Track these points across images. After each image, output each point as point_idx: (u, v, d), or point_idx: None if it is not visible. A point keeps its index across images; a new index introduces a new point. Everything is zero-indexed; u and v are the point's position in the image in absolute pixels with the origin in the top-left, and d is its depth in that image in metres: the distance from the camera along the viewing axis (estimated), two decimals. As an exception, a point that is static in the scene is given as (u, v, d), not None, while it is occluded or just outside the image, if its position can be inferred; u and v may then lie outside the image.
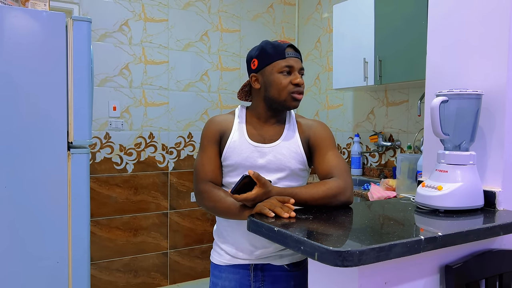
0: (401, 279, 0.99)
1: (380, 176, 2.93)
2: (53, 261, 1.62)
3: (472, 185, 1.18)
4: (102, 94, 2.98)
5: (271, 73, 1.35)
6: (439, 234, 0.93)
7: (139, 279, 3.16)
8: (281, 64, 1.34)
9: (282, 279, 1.40)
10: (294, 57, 1.35)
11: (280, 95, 1.35)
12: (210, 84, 3.41)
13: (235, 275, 1.40)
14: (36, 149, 1.58)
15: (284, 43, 1.36)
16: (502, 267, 1.15)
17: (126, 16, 3.06)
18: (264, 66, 1.36)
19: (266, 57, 1.36)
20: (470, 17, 1.28)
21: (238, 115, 1.44)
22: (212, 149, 1.39)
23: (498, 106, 1.21)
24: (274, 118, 1.42)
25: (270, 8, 3.68)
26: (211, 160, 1.38)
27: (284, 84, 1.34)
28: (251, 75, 1.40)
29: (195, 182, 1.39)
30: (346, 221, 1.12)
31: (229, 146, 1.38)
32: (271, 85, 1.35)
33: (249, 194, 1.16)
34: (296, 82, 1.34)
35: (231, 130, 1.40)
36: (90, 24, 1.67)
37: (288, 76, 1.34)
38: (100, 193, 3.01)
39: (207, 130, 1.41)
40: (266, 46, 1.37)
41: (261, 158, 1.36)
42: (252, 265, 1.39)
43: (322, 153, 1.36)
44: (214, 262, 1.46)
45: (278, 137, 1.39)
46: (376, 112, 3.04)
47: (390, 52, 2.51)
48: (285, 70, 1.34)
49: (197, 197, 1.38)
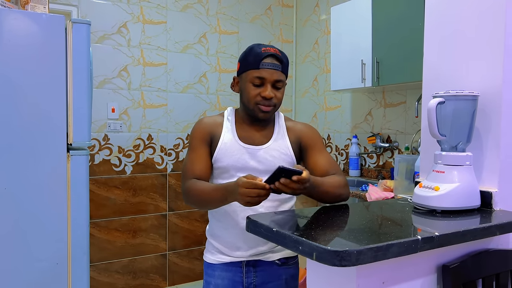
0: (399, 279, 1.00)
1: (378, 177, 2.94)
2: (52, 263, 1.62)
3: (468, 185, 1.19)
4: (100, 96, 2.98)
5: (245, 81, 1.36)
6: (436, 234, 0.94)
7: (138, 280, 3.16)
8: (253, 75, 1.33)
9: (273, 274, 1.43)
10: (271, 68, 1.32)
11: (249, 104, 1.36)
12: (209, 85, 3.42)
13: (227, 273, 1.43)
14: (36, 151, 1.58)
15: (266, 51, 1.33)
16: (499, 267, 1.16)
17: (124, 18, 3.07)
18: (241, 72, 1.38)
19: (244, 64, 1.36)
20: (466, 19, 1.30)
21: (228, 117, 1.44)
22: (202, 149, 1.38)
23: (494, 107, 1.22)
24: (255, 120, 1.42)
25: (268, 10, 3.69)
26: (201, 159, 1.37)
27: (252, 95, 1.34)
28: (233, 77, 1.43)
29: (182, 181, 1.37)
30: (344, 221, 1.13)
31: (220, 147, 1.38)
32: (243, 92, 1.38)
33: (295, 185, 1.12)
34: (263, 95, 1.32)
35: (221, 132, 1.40)
36: (89, 26, 1.68)
37: (257, 88, 1.33)
38: (99, 194, 3.01)
39: (196, 131, 1.41)
40: (249, 52, 1.36)
41: (252, 159, 1.37)
42: (244, 262, 1.41)
43: (316, 153, 1.40)
44: (207, 261, 1.48)
45: (268, 140, 1.41)
46: (374, 113, 3.05)
47: (387, 54, 2.52)
48: (255, 81, 1.33)
49: (184, 195, 1.36)
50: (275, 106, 1.37)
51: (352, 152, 3.10)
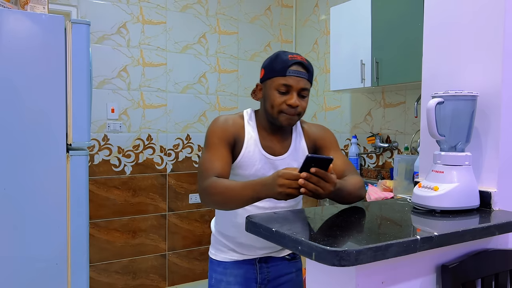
0: (398, 279, 1.00)
1: (378, 177, 2.94)
2: (52, 263, 1.62)
3: (467, 185, 1.19)
4: (100, 96, 2.98)
5: (270, 88, 1.33)
6: (435, 234, 0.94)
7: (137, 281, 3.16)
8: (279, 82, 1.30)
9: (285, 268, 1.50)
10: (297, 76, 1.30)
11: (272, 112, 1.33)
12: (208, 86, 3.42)
13: (239, 270, 1.45)
14: (35, 151, 1.59)
15: (293, 59, 1.30)
16: (498, 267, 1.16)
17: (124, 18, 3.07)
18: (266, 79, 1.35)
19: (270, 70, 1.33)
20: (465, 20, 1.30)
21: (248, 121, 1.40)
22: (223, 148, 1.32)
23: (493, 107, 1.22)
24: (278, 130, 1.39)
25: (267, 11, 3.69)
26: (222, 158, 1.30)
27: (277, 102, 1.31)
28: (257, 84, 1.40)
29: (200, 180, 1.28)
30: (343, 221, 1.13)
31: (244, 155, 1.35)
32: (267, 100, 1.34)
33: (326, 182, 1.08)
34: (289, 103, 1.30)
35: (244, 137, 1.36)
36: (88, 27, 1.68)
37: (283, 96, 1.31)
38: (99, 195, 3.01)
39: (218, 129, 1.34)
40: (275, 58, 1.33)
41: (272, 170, 1.36)
42: (257, 259, 1.45)
43: (331, 154, 1.39)
44: (216, 259, 1.48)
45: (287, 150, 1.41)
46: (373, 113, 3.05)
47: (387, 54, 2.52)
48: (282, 89, 1.30)
49: (203, 194, 1.26)
50: (299, 115, 1.35)
51: (352, 152, 3.10)
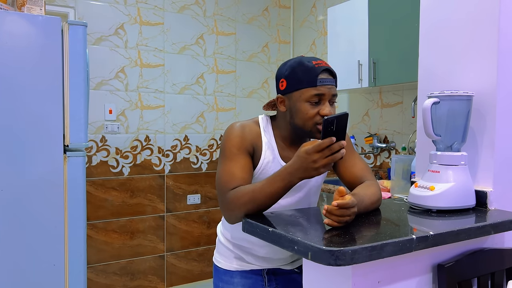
0: (394, 278, 1.00)
1: (376, 177, 2.95)
2: (49, 264, 1.62)
3: (463, 185, 1.19)
4: (98, 97, 2.98)
5: (298, 100, 1.20)
6: (431, 233, 0.95)
7: (135, 282, 3.16)
8: (311, 93, 1.18)
9: (293, 281, 1.43)
10: (328, 84, 1.19)
11: (305, 125, 1.21)
12: (206, 86, 3.43)
13: (247, 280, 1.40)
14: (33, 152, 1.59)
15: (319, 66, 1.19)
16: (494, 266, 1.17)
17: (121, 19, 3.07)
18: (292, 91, 1.21)
19: (296, 81, 1.20)
20: (461, 20, 1.31)
21: (264, 129, 1.30)
22: (244, 158, 1.23)
23: (488, 107, 1.23)
24: (300, 141, 1.31)
25: (265, 11, 3.70)
26: (243, 168, 1.21)
27: (311, 114, 1.19)
28: (278, 96, 1.26)
29: (221, 195, 1.19)
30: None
31: (262, 166, 1.27)
32: (296, 113, 1.22)
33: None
34: (323, 113, 1.18)
35: (262, 147, 1.27)
36: (85, 28, 1.68)
37: (316, 106, 1.19)
38: (96, 196, 3.01)
39: (236, 138, 1.24)
40: (298, 67, 1.21)
41: None
42: (265, 270, 1.40)
43: (349, 158, 1.32)
44: (222, 267, 1.42)
45: None
46: (371, 114, 3.06)
47: (384, 54, 2.53)
48: (314, 99, 1.18)
49: (229, 209, 1.16)
50: None
51: (349, 152, 3.10)
